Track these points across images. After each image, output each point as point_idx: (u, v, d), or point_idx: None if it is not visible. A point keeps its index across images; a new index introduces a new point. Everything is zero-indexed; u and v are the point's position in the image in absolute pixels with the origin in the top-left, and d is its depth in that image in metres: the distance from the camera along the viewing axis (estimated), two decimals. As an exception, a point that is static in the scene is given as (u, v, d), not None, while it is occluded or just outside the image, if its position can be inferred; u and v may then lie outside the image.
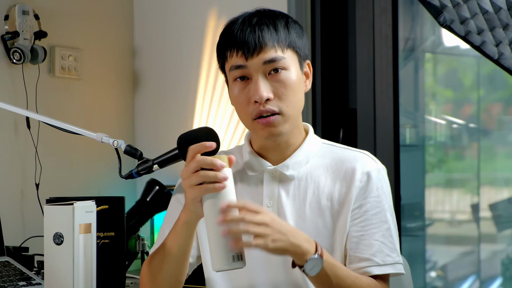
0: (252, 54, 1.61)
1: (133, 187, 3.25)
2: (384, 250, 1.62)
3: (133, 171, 1.84)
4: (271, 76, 1.62)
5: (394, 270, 1.63)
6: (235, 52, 1.62)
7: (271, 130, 1.63)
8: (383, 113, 2.88)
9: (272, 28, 1.63)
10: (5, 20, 2.78)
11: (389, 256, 1.63)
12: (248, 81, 1.63)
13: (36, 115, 2.12)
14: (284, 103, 1.63)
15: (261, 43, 1.61)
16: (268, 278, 1.68)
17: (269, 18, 1.64)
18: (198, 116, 3.12)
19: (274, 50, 1.61)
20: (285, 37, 1.63)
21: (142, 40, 3.32)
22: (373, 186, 1.65)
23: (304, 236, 1.51)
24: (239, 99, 1.65)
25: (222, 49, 1.67)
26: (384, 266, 1.62)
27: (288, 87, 1.63)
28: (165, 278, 1.63)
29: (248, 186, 1.71)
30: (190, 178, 1.48)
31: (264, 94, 1.61)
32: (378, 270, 1.62)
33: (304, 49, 1.68)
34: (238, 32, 1.62)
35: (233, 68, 1.64)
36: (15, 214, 2.82)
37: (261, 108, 1.61)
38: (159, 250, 1.64)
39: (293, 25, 1.67)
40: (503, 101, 3.24)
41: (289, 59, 1.64)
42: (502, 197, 3.25)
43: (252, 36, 1.61)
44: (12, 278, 2.26)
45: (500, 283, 3.20)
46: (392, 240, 1.64)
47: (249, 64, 1.61)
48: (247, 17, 1.65)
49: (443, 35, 3.24)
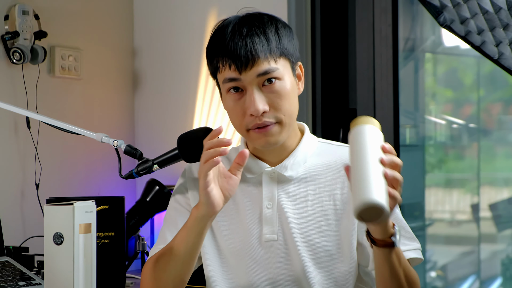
0: (245, 68, 1.59)
1: (133, 187, 3.25)
2: (404, 240, 1.62)
3: (133, 171, 1.84)
4: (265, 88, 1.61)
5: (418, 255, 1.64)
6: (228, 65, 1.60)
7: (268, 139, 1.63)
8: (383, 113, 2.87)
9: (263, 38, 1.60)
10: (5, 20, 2.79)
11: (410, 244, 1.63)
12: (243, 93, 1.62)
13: (36, 115, 2.12)
14: (280, 113, 1.62)
15: (254, 55, 1.59)
16: (268, 276, 1.68)
17: (259, 26, 1.61)
18: (198, 116, 3.12)
19: (267, 62, 1.60)
20: (276, 46, 1.61)
21: (142, 40, 3.32)
22: None
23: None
24: (234, 111, 1.64)
25: (212, 58, 1.65)
26: (411, 251, 1.63)
27: (283, 97, 1.62)
28: (170, 277, 1.63)
29: (247, 188, 1.70)
30: (203, 165, 1.51)
31: (260, 107, 1.59)
32: (413, 254, 1.62)
33: (295, 53, 1.67)
34: (229, 43, 1.60)
35: (226, 81, 1.62)
36: (15, 214, 2.82)
37: (257, 121, 1.61)
38: (166, 249, 1.63)
39: (283, 30, 1.64)
40: (503, 101, 3.24)
41: (282, 68, 1.62)
42: (502, 197, 3.25)
43: (244, 48, 1.59)
44: (12, 278, 2.26)
45: (500, 283, 3.20)
46: (407, 230, 1.65)
47: (243, 77, 1.60)
48: (237, 26, 1.62)
49: (443, 35, 3.24)
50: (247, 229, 1.69)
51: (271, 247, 1.67)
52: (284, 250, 1.67)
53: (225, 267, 1.72)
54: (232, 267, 1.71)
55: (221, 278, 1.72)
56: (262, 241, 1.68)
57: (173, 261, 1.61)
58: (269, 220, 1.68)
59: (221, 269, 1.72)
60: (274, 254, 1.67)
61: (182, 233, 1.59)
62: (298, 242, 1.65)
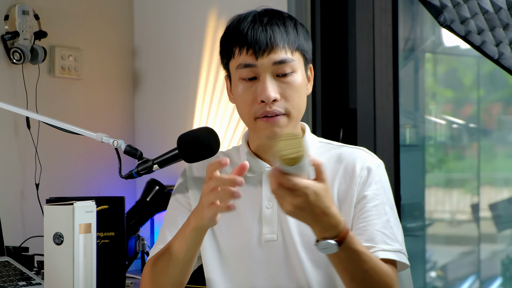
0: (263, 54, 1.60)
1: (133, 187, 3.25)
2: (386, 240, 1.61)
3: (133, 171, 1.84)
4: (279, 77, 1.62)
5: (397, 258, 1.60)
6: (245, 50, 1.61)
7: (274, 130, 1.62)
8: (383, 113, 2.88)
9: (283, 28, 1.62)
10: (5, 20, 2.78)
11: (390, 245, 1.61)
12: (255, 81, 1.62)
13: (36, 115, 2.12)
14: (290, 104, 1.62)
15: (273, 43, 1.60)
16: (267, 276, 1.67)
17: (279, 18, 1.64)
18: (198, 116, 3.12)
19: (284, 51, 1.61)
20: (294, 39, 1.63)
21: (142, 40, 3.32)
22: (372, 180, 1.65)
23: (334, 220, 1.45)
24: (243, 97, 1.64)
25: (228, 46, 1.65)
26: (388, 252, 1.60)
27: (295, 89, 1.63)
28: (169, 281, 1.63)
29: (247, 187, 1.70)
30: (209, 195, 1.46)
31: (272, 94, 1.60)
32: (382, 254, 1.59)
33: (309, 53, 1.69)
34: (248, 30, 1.61)
35: (241, 67, 1.62)
36: (15, 214, 2.82)
37: (267, 108, 1.61)
38: (165, 252, 1.63)
39: (301, 28, 1.67)
40: (503, 101, 3.24)
41: (297, 62, 1.64)
42: (502, 197, 3.25)
43: (264, 35, 1.60)
44: (12, 278, 2.26)
45: (500, 283, 3.20)
46: (392, 231, 1.62)
47: (259, 64, 1.61)
48: (257, 16, 1.64)
49: (443, 35, 3.24)
50: (247, 229, 1.69)
51: (271, 247, 1.67)
52: (283, 250, 1.67)
53: (225, 267, 1.72)
54: (232, 267, 1.71)
55: (221, 278, 1.72)
56: (261, 241, 1.68)
57: (171, 267, 1.61)
58: (268, 220, 1.68)
59: (221, 269, 1.72)
60: (274, 254, 1.67)
61: (180, 239, 1.58)
62: (297, 243, 1.65)
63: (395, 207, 1.69)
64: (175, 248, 1.59)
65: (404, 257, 1.63)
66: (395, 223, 1.65)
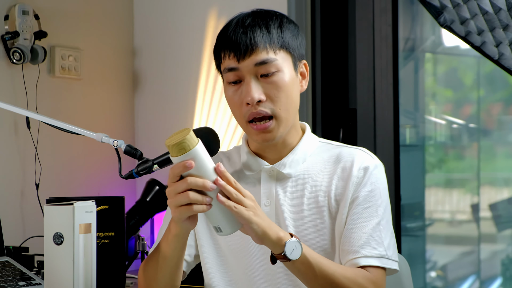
0: (244, 56, 1.61)
1: (133, 187, 3.25)
2: (371, 243, 1.61)
3: (133, 171, 1.84)
4: (263, 78, 1.62)
5: (380, 264, 1.60)
6: (228, 54, 1.63)
7: (265, 136, 1.64)
8: (383, 113, 2.88)
9: (264, 29, 1.62)
10: (5, 20, 2.78)
11: (375, 249, 1.61)
12: (241, 84, 1.63)
13: (36, 115, 2.12)
14: (276, 105, 1.62)
15: (252, 44, 1.60)
16: (265, 273, 1.68)
17: (263, 19, 1.64)
18: (198, 116, 3.12)
19: (265, 52, 1.61)
20: (277, 38, 1.63)
21: (142, 40, 3.32)
22: (367, 181, 1.65)
23: (277, 226, 1.51)
24: (232, 101, 1.65)
25: (217, 51, 1.68)
26: (370, 258, 1.60)
27: (280, 89, 1.62)
28: (160, 285, 1.64)
29: (246, 185, 1.71)
30: (176, 198, 1.43)
31: (255, 95, 1.61)
32: (364, 261, 1.59)
33: (299, 49, 1.68)
34: (231, 34, 1.62)
35: (226, 71, 1.64)
36: (15, 214, 2.82)
37: (253, 110, 1.61)
38: (153, 255, 1.64)
39: (288, 25, 1.66)
40: (503, 101, 3.24)
41: (282, 60, 1.63)
42: (502, 197, 3.25)
43: (243, 37, 1.61)
44: (12, 278, 2.26)
45: (500, 283, 3.20)
46: (380, 235, 1.62)
47: (241, 66, 1.61)
48: (241, 19, 1.64)
49: (443, 35, 3.24)
50: (245, 227, 1.69)
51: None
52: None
53: (223, 264, 1.73)
54: (231, 264, 1.71)
55: (219, 275, 1.72)
56: (260, 239, 1.68)
57: (161, 269, 1.61)
58: (267, 218, 1.68)
59: (220, 266, 1.73)
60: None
61: (164, 243, 1.58)
62: (294, 240, 1.66)
63: (389, 209, 1.68)
64: (162, 251, 1.60)
65: (390, 262, 1.62)
66: (386, 226, 1.64)
